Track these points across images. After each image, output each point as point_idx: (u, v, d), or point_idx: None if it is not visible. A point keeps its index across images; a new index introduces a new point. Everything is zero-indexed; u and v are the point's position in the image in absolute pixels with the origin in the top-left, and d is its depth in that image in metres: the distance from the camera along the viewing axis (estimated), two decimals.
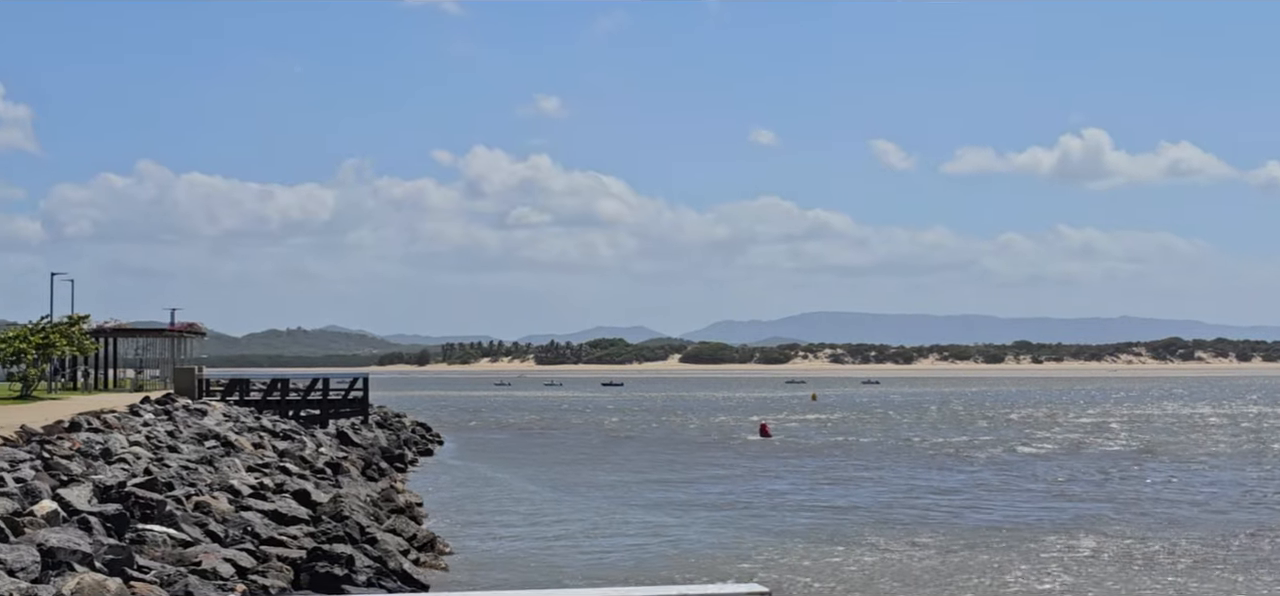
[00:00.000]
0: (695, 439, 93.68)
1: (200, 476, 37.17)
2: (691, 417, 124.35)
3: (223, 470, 40.28)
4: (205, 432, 52.25)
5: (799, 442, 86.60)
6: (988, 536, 40.43)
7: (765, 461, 72.26)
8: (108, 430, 43.92)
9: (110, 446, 38.86)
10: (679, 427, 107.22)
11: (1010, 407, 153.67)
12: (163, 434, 47.91)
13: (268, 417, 71.58)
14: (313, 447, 58.09)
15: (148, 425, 50.16)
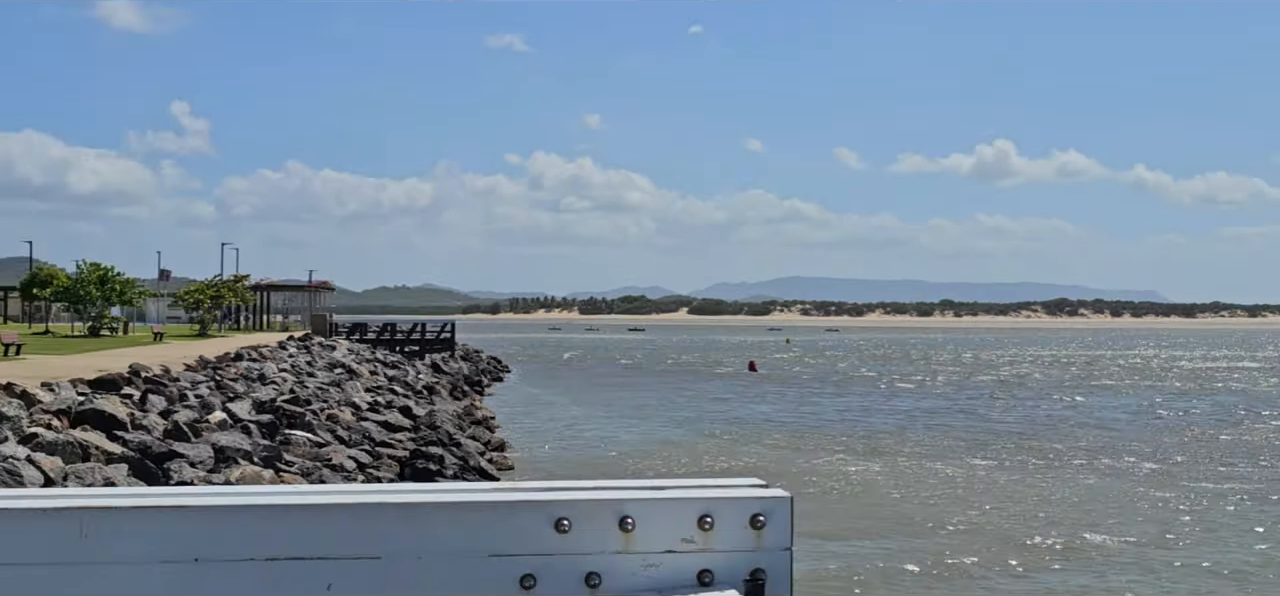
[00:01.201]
0: (700, 371, 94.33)
1: (330, 395, 37.79)
2: (697, 355, 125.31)
3: (347, 390, 40.77)
4: (334, 362, 52.90)
5: (778, 375, 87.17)
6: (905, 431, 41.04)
7: (754, 388, 73.07)
8: (262, 360, 44.82)
9: (264, 372, 39.92)
10: (687, 363, 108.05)
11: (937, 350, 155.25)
12: (303, 363, 48.71)
13: (380, 352, 72.07)
14: (413, 375, 58.56)
15: (292, 356, 50.83)
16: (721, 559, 2.11)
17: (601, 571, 2.06)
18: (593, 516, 2.09)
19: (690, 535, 2.10)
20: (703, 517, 2.08)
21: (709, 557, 2.11)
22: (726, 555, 2.10)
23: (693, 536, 2.10)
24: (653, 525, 2.09)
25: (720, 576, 2.10)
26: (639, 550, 2.09)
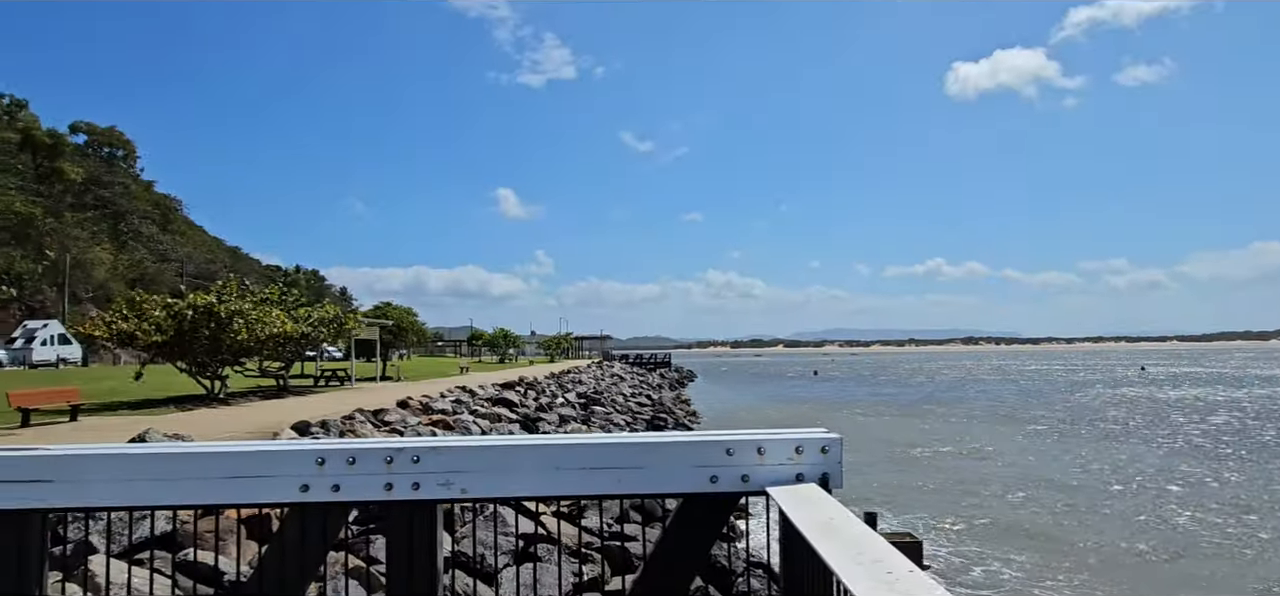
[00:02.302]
0: (788, 375, 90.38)
1: (612, 389, 38.50)
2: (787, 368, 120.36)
3: (619, 387, 41.80)
4: (613, 374, 54.27)
5: (828, 377, 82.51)
6: (927, 408, 38.81)
7: (815, 383, 70.55)
8: (579, 373, 46.60)
9: (581, 378, 41.20)
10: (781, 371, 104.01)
11: (909, 365, 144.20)
12: (598, 374, 49.88)
13: (635, 369, 72.92)
14: (650, 380, 59.71)
15: (593, 372, 52.12)
16: (806, 468, 2.35)
17: (749, 474, 2.37)
18: (744, 447, 2.38)
19: (791, 456, 2.36)
20: (797, 447, 2.36)
21: (800, 468, 2.35)
22: (810, 465, 2.35)
23: (792, 457, 2.36)
24: (773, 451, 2.37)
25: (806, 476, 2.34)
26: (767, 464, 2.37)
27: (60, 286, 59.95)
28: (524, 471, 2.40)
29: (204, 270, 77.40)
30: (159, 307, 19.65)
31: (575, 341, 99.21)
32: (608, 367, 61.97)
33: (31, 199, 63.88)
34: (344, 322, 26.59)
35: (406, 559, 2.41)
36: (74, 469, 2.32)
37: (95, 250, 67.59)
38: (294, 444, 2.46)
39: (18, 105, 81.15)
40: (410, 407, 18.46)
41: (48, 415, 14.59)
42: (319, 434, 12.82)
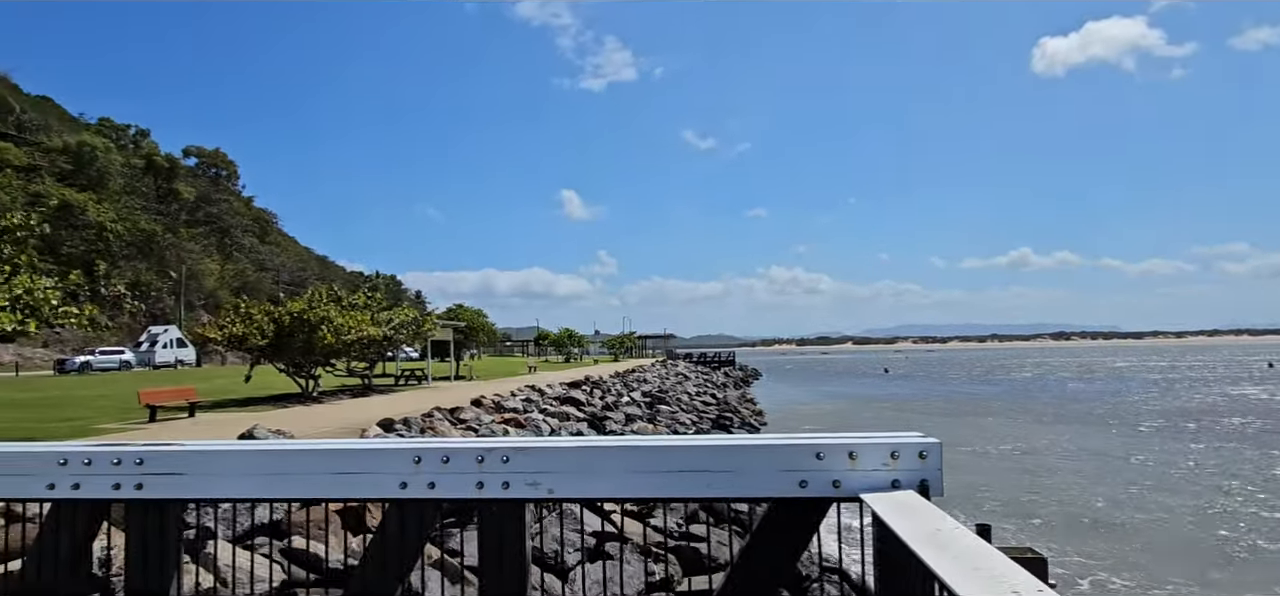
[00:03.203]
0: (859, 372, 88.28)
1: (676, 388, 38.19)
2: (857, 365, 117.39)
3: (684, 385, 41.52)
4: (678, 373, 53.99)
5: (899, 374, 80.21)
6: (990, 401, 36.98)
7: (886, 381, 68.03)
8: (644, 371, 46.73)
9: (645, 377, 41.18)
10: (850, 369, 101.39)
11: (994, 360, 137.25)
12: (662, 373, 49.66)
13: (699, 367, 72.34)
14: (714, 378, 59.23)
15: (657, 371, 51.99)
16: (903, 474, 2.25)
17: (840, 479, 2.27)
18: (834, 451, 2.29)
19: (886, 461, 2.26)
20: (893, 451, 2.26)
21: (897, 473, 2.25)
22: (907, 471, 2.25)
23: (887, 462, 2.26)
24: (866, 456, 2.27)
25: (903, 483, 2.24)
26: (860, 469, 2.27)
27: (177, 295, 64.35)
28: (610, 473, 2.40)
29: (296, 277, 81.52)
30: (261, 313, 20.80)
31: (639, 340, 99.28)
32: (671, 366, 61.82)
33: (154, 217, 68.82)
34: (421, 325, 27.48)
35: (497, 555, 2.47)
36: (204, 463, 2.50)
37: (205, 261, 72.19)
38: (393, 443, 2.54)
39: (141, 134, 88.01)
40: (484, 406, 18.89)
41: (170, 411, 15.63)
42: (403, 431, 13.30)
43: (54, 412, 16.06)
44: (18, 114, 76.63)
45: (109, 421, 14.29)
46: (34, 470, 2.52)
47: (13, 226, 9.11)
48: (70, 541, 2.59)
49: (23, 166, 61.63)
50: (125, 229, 61.61)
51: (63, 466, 2.50)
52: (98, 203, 61.77)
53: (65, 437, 10.64)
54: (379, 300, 27.46)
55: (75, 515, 2.57)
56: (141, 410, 15.48)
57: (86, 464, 2.52)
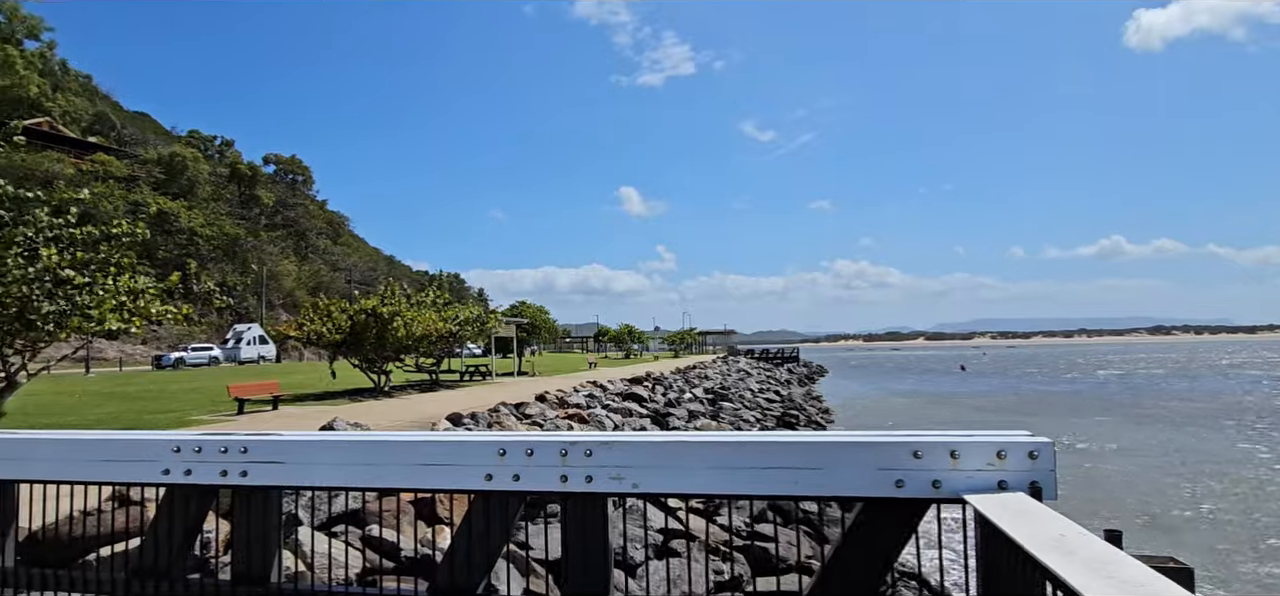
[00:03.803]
0: (933, 368, 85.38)
1: (738, 384, 37.83)
2: (931, 362, 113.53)
3: (746, 382, 41.04)
4: (739, 369, 53.44)
5: (977, 372, 77.03)
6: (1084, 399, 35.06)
7: (964, 378, 65.17)
8: (705, 368, 46.46)
9: (707, 373, 40.87)
10: (923, 365, 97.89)
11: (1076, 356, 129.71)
12: (724, 370, 49.18)
13: (761, 364, 71.40)
14: (778, 375, 58.35)
15: (718, 367, 51.50)
16: (1012, 475, 2.14)
17: (941, 479, 2.19)
18: (934, 450, 2.20)
19: (992, 461, 2.15)
20: (999, 451, 2.16)
21: (1004, 474, 2.14)
22: (1015, 472, 2.14)
23: (993, 462, 2.15)
24: (969, 455, 2.18)
25: (1011, 484, 2.13)
26: (963, 469, 2.17)
27: (258, 294, 68.04)
28: (695, 469, 2.36)
29: (367, 277, 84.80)
30: (338, 310, 21.77)
31: (699, 336, 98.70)
32: (733, 363, 61.27)
33: (237, 222, 72.98)
34: (485, 322, 28.16)
35: (581, 549, 2.49)
36: (301, 453, 2.64)
37: (283, 263, 76.01)
38: (478, 436, 2.61)
39: (226, 144, 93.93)
40: (548, 401, 19.22)
41: (255, 404, 16.55)
42: (470, 425, 13.66)
43: (154, 404, 17.23)
44: (119, 129, 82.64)
45: (202, 413, 15.24)
46: (150, 457, 2.72)
47: (119, 234, 9.82)
48: (182, 524, 2.77)
49: (123, 177, 66.40)
50: (213, 233, 65.57)
51: (176, 454, 2.69)
52: (188, 209, 65.92)
53: (165, 427, 11.43)
54: (445, 297, 28.28)
55: (187, 499, 2.76)
56: (230, 402, 16.46)
57: (197, 451, 2.70)
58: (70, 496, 3.15)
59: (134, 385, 25.55)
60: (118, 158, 70.46)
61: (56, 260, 8.83)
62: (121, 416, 14.29)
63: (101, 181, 60.15)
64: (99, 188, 55.01)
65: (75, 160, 63.51)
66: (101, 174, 63.01)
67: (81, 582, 2.85)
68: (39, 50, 67.83)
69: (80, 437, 2.92)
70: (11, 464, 2.92)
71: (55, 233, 9.23)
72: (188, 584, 2.76)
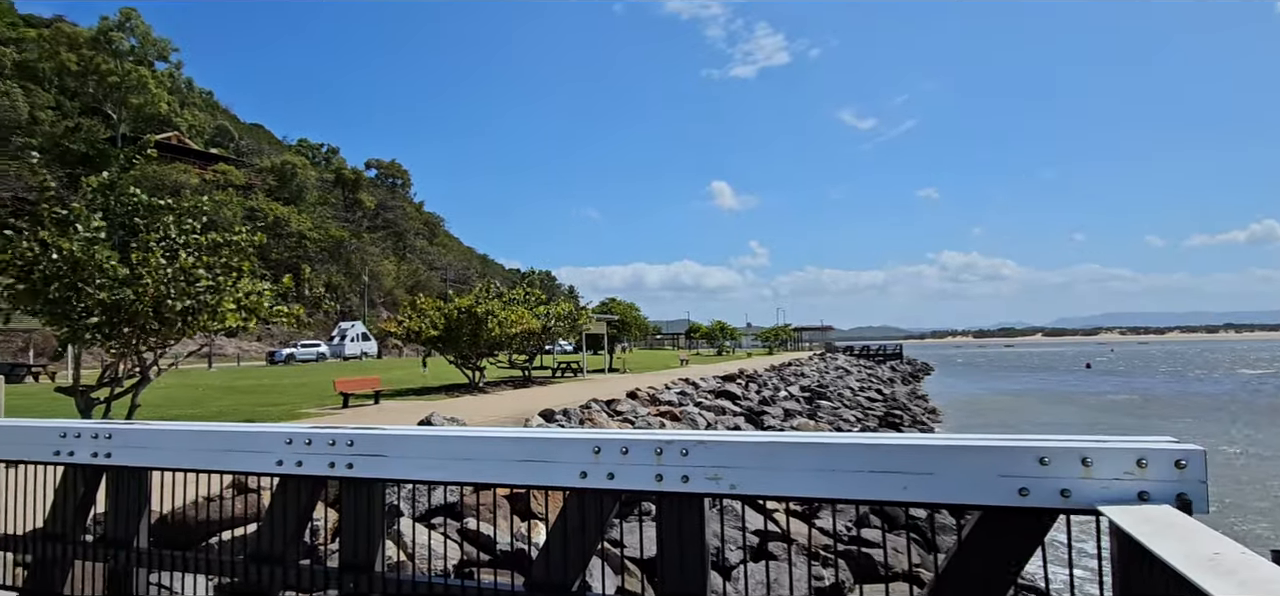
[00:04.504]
0: (1054, 367, 79.61)
1: (837, 383, 36.88)
2: (1051, 359, 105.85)
3: (845, 380, 39.98)
4: (838, 367, 52.23)
5: (1105, 370, 71.16)
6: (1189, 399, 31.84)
7: (1089, 377, 60.33)
8: (801, 366, 45.58)
9: (804, 371, 40.24)
10: (1041, 363, 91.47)
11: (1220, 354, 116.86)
12: (821, 367, 48.19)
13: (861, 361, 69.48)
14: (879, 373, 56.37)
15: (815, 365, 50.64)
16: (1154, 486, 1.98)
17: (1071, 488, 2.04)
18: (1063, 456, 2.05)
19: (1131, 470, 2.00)
20: (1140, 459, 2.00)
21: (1146, 484, 1.99)
22: (1158, 483, 1.98)
23: (1133, 470, 1.99)
24: (1104, 462, 2.02)
25: (1154, 496, 1.97)
26: (1097, 477, 2.02)
27: (361, 294, 72.56)
28: (797, 470, 2.30)
29: (461, 275, 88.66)
30: (433, 308, 22.85)
31: (794, 333, 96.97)
32: (830, 360, 59.74)
33: (342, 225, 78.14)
34: (576, 319, 28.74)
35: (677, 550, 2.46)
36: (403, 446, 2.76)
37: (384, 263, 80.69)
38: (572, 432, 2.63)
39: (332, 151, 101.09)
40: (639, 399, 19.39)
41: (359, 399, 17.64)
42: (562, 421, 13.98)
43: (267, 398, 18.71)
44: (237, 140, 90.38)
45: (310, 406, 16.39)
46: (265, 448, 2.94)
47: (238, 239, 10.71)
48: (294, 512, 2.97)
49: (241, 185, 72.51)
50: (320, 236, 70.48)
51: (288, 445, 2.89)
52: (298, 214, 71.13)
53: (278, 420, 12.36)
54: (537, 295, 29.10)
55: (299, 489, 2.95)
56: (336, 397, 17.62)
57: (308, 444, 2.88)
58: (196, 484, 3.45)
59: (250, 379, 27.84)
60: (236, 167, 77.09)
61: (190, 262, 9.73)
62: (239, 408, 15.59)
63: (222, 189, 65.97)
64: (220, 195, 60.38)
65: (199, 170, 69.95)
66: (222, 183, 69.12)
67: (205, 564, 3.11)
68: (168, 70, 75.10)
69: (203, 429, 3.18)
70: (145, 452, 3.23)
71: (183, 237, 10.17)
72: (299, 569, 2.95)
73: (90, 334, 9.26)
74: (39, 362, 32.99)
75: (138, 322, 9.51)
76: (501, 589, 2.66)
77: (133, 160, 60.09)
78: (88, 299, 9.10)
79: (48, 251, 8.99)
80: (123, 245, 9.79)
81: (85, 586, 3.42)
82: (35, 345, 36.23)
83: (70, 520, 3.42)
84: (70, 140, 60.13)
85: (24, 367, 30.92)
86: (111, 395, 9.93)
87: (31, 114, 60.64)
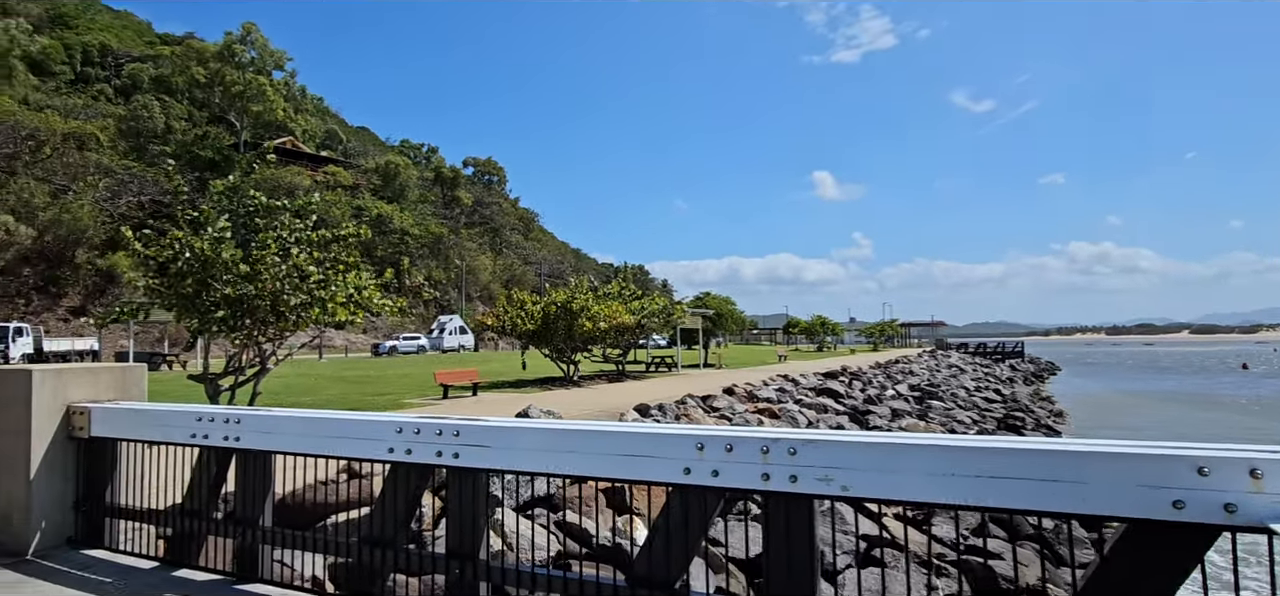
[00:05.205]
0: (1207, 368, 72.51)
1: (950, 382, 35.45)
2: (1201, 359, 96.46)
3: (959, 379, 38.18)
4: (950, 365, 49.97)
5: (1266, 372, 64.04)
6: None
7: (1248, 380, 54.38)
8: (909, 363, 43.85)
9: (913, 369, 38.74)
10: (1191, 363, 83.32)
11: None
12: (932, 365, 46.33)
13: (976, 359, 66.11)
14: (997, 372, 53.24)
15: (925, 362, 48.69)
16: None
17: (1235, 503, 1.86)
18: (1228, 466, 1.88)
19: None
20: None
21: None
22: None
23: None
24: (1276, 475, 1.84)
25: None
26: (1269, 492, 1.84)
27: (459, 288, 75.90)
28: (913, 473, 2.21)
29: (555, 270, 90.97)
30: (530, 303, 23.55)
31: (901, 328, 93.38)
32: (942, 357, 57.08)
33: (441, 221, 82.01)
34: (671, 313, 28.82)
35: (784, 552, 2.42)
36: (507, 438, 2.85)
37: (481, 258, 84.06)
38: (675, 428, 2.64)
39: (432, 150, 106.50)
40: (736, 395, 19.24)
41: (458, 390, 18.44)
42: (657, 416, 14.06)
43: (372, 388, 19.89)
44: (345, 143, 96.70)
45: (412, 396, 17.30)
46: (377, 436, 3.14)
47: (346, 236, 11.44)
48: (404, 498, 3.15)
49: (348, 185, 77.50)
50: (420, 232, 74.25)
51: (399, 434, 3.07)
52: (401, 211, 75.23)
53: (382, 409, 13.12)
54: (631, 290, 29.42)
55: (408, 476, 3.12)
56: (436, 388, 18.49)
57: (417, 433, 3.04)
58: (313, 468, 3.70)
59: (357, 370, 29.69)
60: (344, 168, 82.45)
61: (303, 259, 10.49)
62: (347, 397, 16.66)
63: (331, 190, 70.72)
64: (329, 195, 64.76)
65: (311, 172, 75.28)
66: (331, 183, 74.11)
67: (321, 544, 3.33)
68: (283, 79, 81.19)
69: (320, 416, 3.42)
70: (269, 437, 3.51)
71: (296, 236, 10.96)
72: (408, 554, 3.11)
73: (217, 326, 10.15)
74: (172, 352, 36.63)
75: (258, 316, 10.34)
76: (603, 583, 2.68)
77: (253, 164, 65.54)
78: (215, 294, 9.98)
79: (181, 250, 9.92)
80: (244, 244, 10.66)
81: (216, 559, 3.74)
82: (169, 336, 40.25)
83: (205, 497, 3.76)
84: (199, 147, 66.24)
85: (160, 356, 34.42)
86: (236, 383, 10.84)
87: (167, 124, 67.23)
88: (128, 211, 51.79)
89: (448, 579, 2.96)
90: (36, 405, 4.15)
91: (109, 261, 48.09)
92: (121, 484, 4.18)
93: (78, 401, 4.28)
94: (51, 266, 47.71)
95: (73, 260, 48.36)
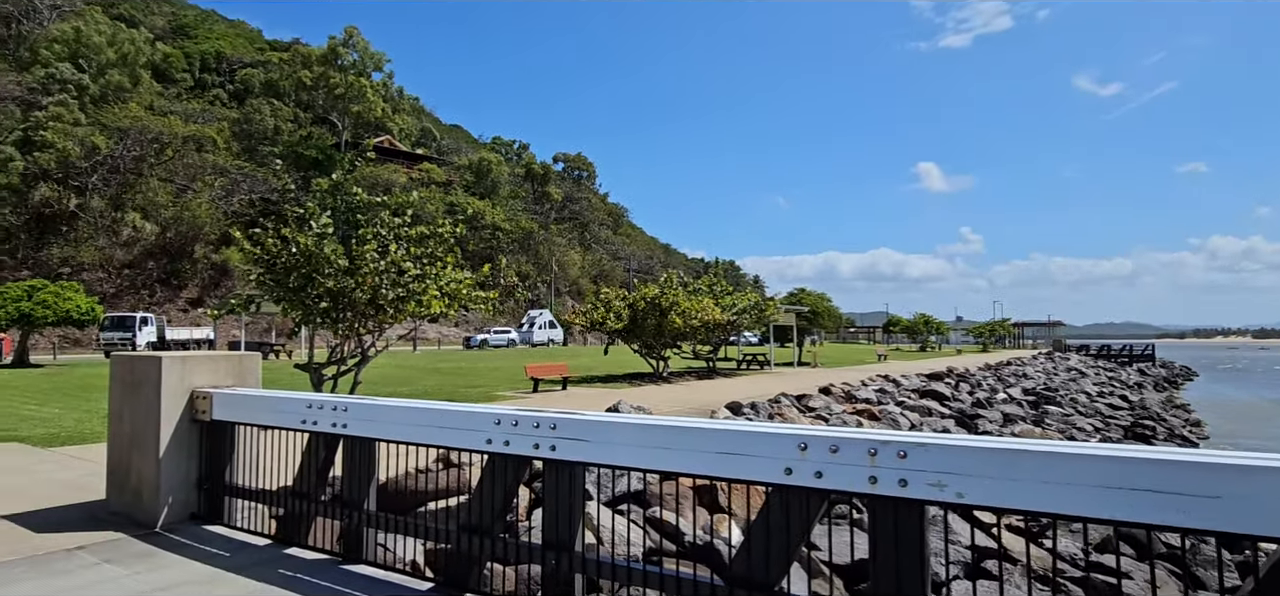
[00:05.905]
0: None
1: (1069, 387, 33.45)
2: None
3: (1079, 383, 36.03)
4: (1069, 368, 47.01)
5: None
6: None
7: None
8: (1023, 366, 41.58)
9: (1027, 372, 36.88)
10: None
11: None
12: (1049, 368, 43.82)
13: (1099, 362, 62.00)
14: (1124, 376, 49.61)
15: (1042, 364, 46.15)
16: None
17: None
18: None
19: None
20: None
21: None
22: None
23: None
24: None
25: None
26: None
27: (548, 282, 77.75)
28: (1032, 482, 2.09)
29: (644, 265, 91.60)
30: (617, 300, 23.81)
31: (1014, 328, 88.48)
32: (1060, 360, 53.67)
33: (531, 217, 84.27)
34: (763, 309, 28.43)
35: (892, 560, 2.34)
36: (603, 432, 2.89)
37: (570, 253, 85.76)
38: (776, 427, 2.60)
39: (523, 147, 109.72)
40: (833, 395, 18.80)
41: (548, 384, 18.88)
42: (750, 414, 13.92)
43: (465, 380, 20.65)
44: (439, 141, 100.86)
45: (504, 389, 17.84)
46: (476, 427, 3.26)
47: (441, 232, 11.93)
48: (501, 489, 3.24)
49: (442, 182, 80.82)
50: (511, 228, 76.52)
51: (497, 426, 3.17)
52: (492, 207, 77.78)
53: (475, 400, 13.58)
54: (723, 285, 29.24)
55: (506, 467, 3.21)
56: (526, 381, 19.00)
57: (514, 425, 3.13)
58: (412, 455, 3.88)
59: (450, 362, 30.91)
60: (438, 165, 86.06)
61: (401, 255, 11.03)
62: (442, 388, 17.38)
63: (426, 187, 73.96)
64: (424, 193, 67.70)
65: (407, 170, 78.98)
66: (426, 180, 77.54)
67: (422, 530, 3.49)
68: (382, 80, 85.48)
69: (422, 406, 3.58)
70: (372, 425, 3.70)
71: (394, 232, 11.53)
72: (505, 543, 3.20)
73: (320, 318, 10.81)
74: (278, 342, 39.39)
75: (358, 309, 10.94)
76: (700, 581, 2.67)
77: (354, 163, 69.50)
78: (319, 287, 10.63)
79: (288, 246, 10.63)
80: (345, 240, 11.30)
81: (323, 538, 3.98)
82: (275, 326, 43.31)
83: (313, 480, 4.01)
84: (304, 147, 70.73)
85: (268, 346, 37.08)
86: (338, 372, 11.52)
87: (275, 125, 72.21)
88: (240, 208, 56.02)
89: (543, 569, 3.03)
90: (165, 390, 4.55)
91: (223, 256, 52.18)
92: (238, 465, 4.52)
93: (201, 387, 4.65)
94: (173, 260, 52.28)
95: (191, 254, 52.81)
